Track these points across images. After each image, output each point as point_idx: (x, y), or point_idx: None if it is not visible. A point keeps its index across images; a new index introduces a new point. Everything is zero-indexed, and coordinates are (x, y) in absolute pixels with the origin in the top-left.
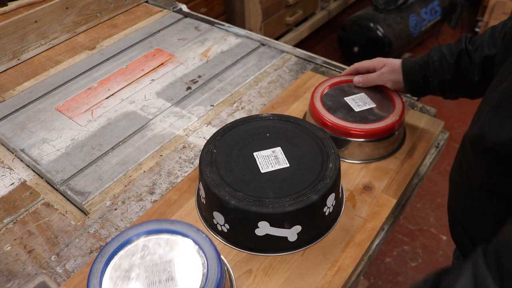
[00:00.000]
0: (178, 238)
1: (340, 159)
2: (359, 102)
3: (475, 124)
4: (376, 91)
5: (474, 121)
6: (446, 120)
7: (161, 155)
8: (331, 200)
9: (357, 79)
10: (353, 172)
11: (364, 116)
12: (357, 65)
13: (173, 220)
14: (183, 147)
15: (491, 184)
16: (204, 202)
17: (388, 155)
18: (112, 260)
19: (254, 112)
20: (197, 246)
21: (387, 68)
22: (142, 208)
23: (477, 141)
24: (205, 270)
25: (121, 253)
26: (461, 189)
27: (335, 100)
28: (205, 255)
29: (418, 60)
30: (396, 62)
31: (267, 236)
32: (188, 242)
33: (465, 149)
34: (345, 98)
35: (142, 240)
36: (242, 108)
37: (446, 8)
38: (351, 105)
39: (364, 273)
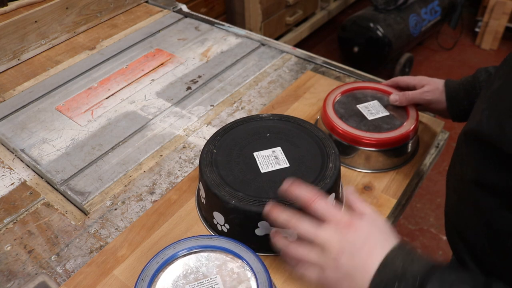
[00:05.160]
0: (219, 254)
1: (354, 168)
2: (372, 110)
3: (472, 120)
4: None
5: (470, 118)
6: (446, 120)
7: (161, 155)
8: (331, 200)
9: (393, 97)
10: (353, 172)
11: (378, 125)
12: (399, 79)
13: (211, 235)
14: (183, 147)
15: (485, 178)
16: (204, 202)
17: (403, 163)
18: (153, 283)
19: (254, 112)
20: (241, 260)
21: (429, 87)
22: (142, 208)
23: (474, 135)
24: (254, 283)
25: (162, 274)
26: (454, 188)
27: (347, 108)
28: (251, 268)
29: (463, 81)
30: (439, 82)
31: (267, 236)
32: (231, 257)
33: (459, 147)
34: (357, 106)
35: (181, 259)
36: (242, 108)
37: (446, 8)
38: (364, 113)
39: None
